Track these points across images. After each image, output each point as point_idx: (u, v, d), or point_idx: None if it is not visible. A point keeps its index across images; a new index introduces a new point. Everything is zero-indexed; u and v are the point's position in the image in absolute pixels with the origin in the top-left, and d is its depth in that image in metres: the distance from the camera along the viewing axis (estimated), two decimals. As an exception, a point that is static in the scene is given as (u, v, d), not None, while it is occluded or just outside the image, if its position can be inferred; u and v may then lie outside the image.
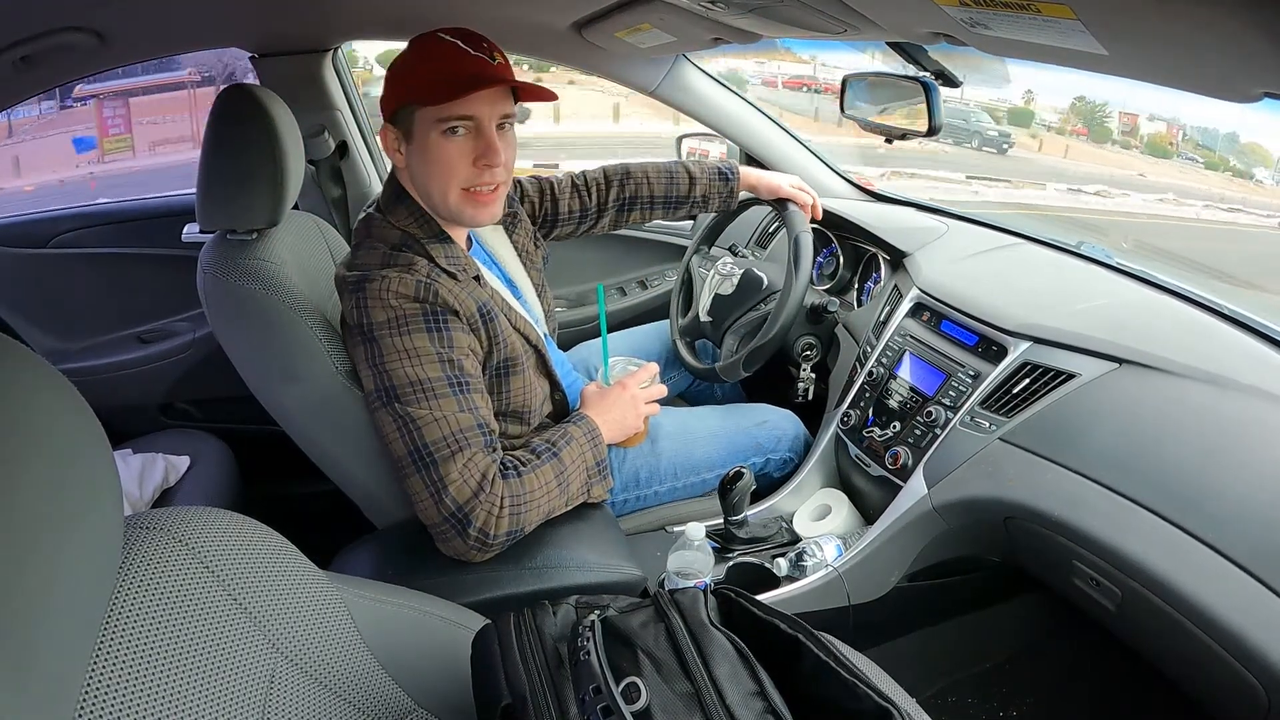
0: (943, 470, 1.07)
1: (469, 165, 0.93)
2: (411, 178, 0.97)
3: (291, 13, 1.37)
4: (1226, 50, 0.56)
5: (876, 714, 0.49)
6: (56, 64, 1.21)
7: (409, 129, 0.93)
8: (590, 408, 1.06)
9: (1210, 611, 0.78)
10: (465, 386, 0.91)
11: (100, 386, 1.68)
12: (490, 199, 0.96)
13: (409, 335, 0.90)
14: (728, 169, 1.35)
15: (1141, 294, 1.17)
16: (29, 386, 0.40)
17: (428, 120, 0.91)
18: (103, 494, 0.43)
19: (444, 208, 0.96)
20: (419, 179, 0.96)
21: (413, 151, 0.94)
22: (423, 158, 0.93)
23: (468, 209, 0.95)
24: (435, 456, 0.88)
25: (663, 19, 1.16)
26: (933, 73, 1.19)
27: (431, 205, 0.97)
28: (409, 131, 0.93)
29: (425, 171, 0.94)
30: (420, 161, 0.94)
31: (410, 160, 0.95)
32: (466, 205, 0.95)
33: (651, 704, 0.50)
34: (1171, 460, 0.88)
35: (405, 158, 0.96)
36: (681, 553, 0.96)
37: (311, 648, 0.60)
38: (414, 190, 0.97)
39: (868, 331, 1.33)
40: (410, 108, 0.92)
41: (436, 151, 0.92)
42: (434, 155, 0.92)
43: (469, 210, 0.96)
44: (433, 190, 0.95)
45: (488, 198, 0.95)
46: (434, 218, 0.97)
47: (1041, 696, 1.29)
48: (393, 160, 0.97)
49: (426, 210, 0.97)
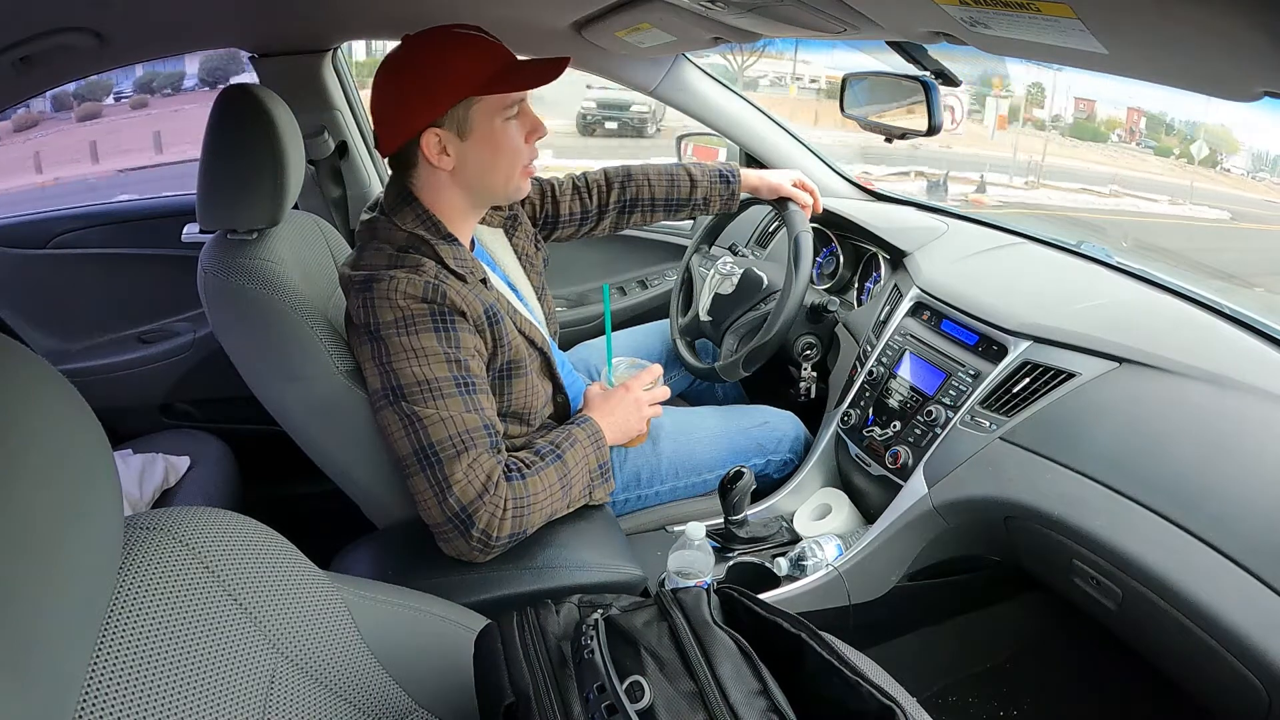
0: (943, 470, 1.07)
1: (525, 144, 0.97)
2: (465, 172, 0.95)
3: (291, 13, 1.37)
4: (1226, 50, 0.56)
5: (879, 713, 0.49)
6: (56, 64, 1.20)
7: (465, 124, 0.92)
8: (593, 410, 1.06)
9: (1211, 611, 0.78)
10: (471, 387, 0.91)
11: (100, 386, 1.68)
12: (533, 170, 1.00)
13: (416, 335, 0.90)
14: (729, 171, 1.34)
15: (1142, 293, 1.17)
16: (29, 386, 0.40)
17: (489, 110, 0.92)
18: (103, 494, 0.43)
19: (499, 190, 0.98)
20: (481, 170, 0.95)
21: (472, 145, 0.93)
22: (490, 148, 0.94)
23: (523, 185, 0.99)
24: (440, 456, 0.88)
25: (662, 19, 1.16)
26: (933, 72, 1.19)
27: (486, 191, 0.98)
28: (465, 127, 0.92)
29: (492, 161, 0.95)
30: (486, 153, 0.94)
31: (467, 155, 0.94)
32: (523, 182, 0.99)
33: (655, 702, 0.50)
34: (1172, 459, 0.88)
35: (457, 157, 0.94)
36: (682, 552, 0.96)
37: (312, 648, 0.60)
38: (424, 195, 0.96)
39: (868, 331, 1.33)
40: (468, 103, 0.91)
41: (503, 138, 0.94)
42: (502, 142, 0.94)
43: (524, 186, 1.00)
44: (497, 177, 0.97)
45: (532, 170, 1.00)
46: (440, 220, 0.96)
47: (1041, 696, 1.29)
48: (438, 164, 0.93)
49: (433, 213, 0.96)
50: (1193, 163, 4.42)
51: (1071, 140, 5.83)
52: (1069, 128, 5.77)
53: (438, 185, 0.96)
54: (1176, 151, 4.57)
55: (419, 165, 0.95)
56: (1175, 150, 4.58)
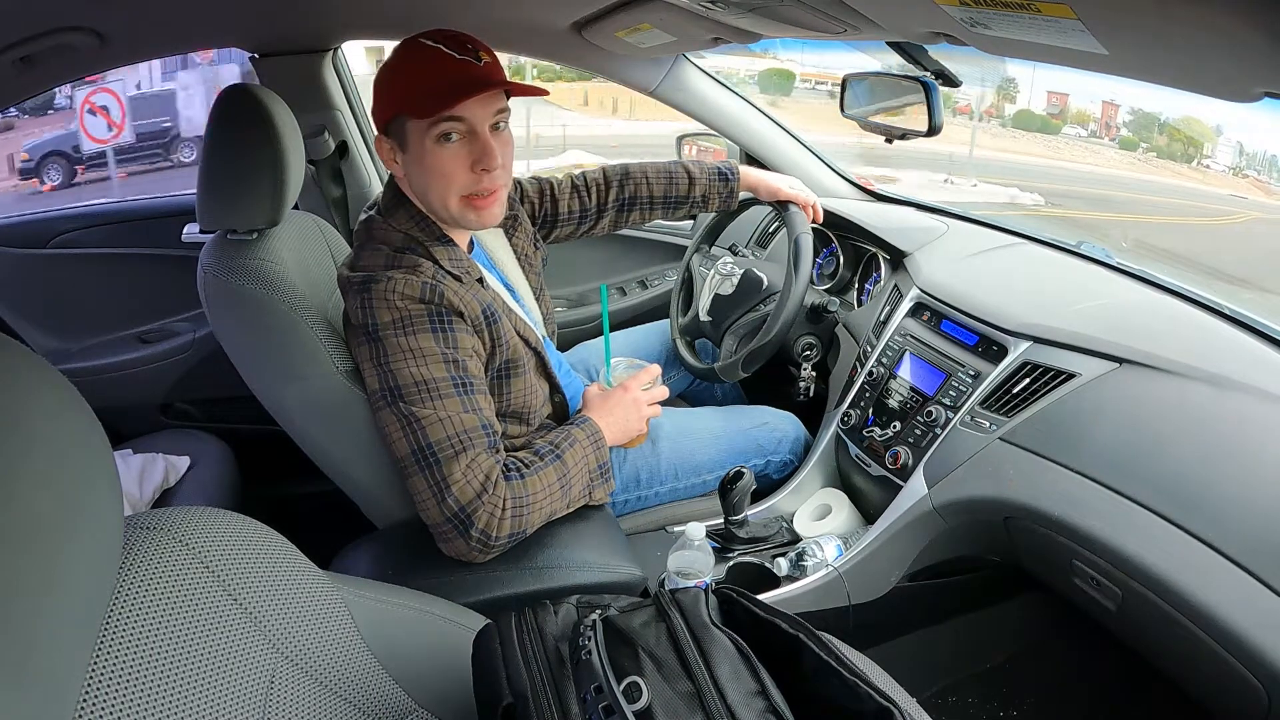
0: (943, 470, 1.07)
1: (466, 171, 0.91)
2: (410, 186, 0.96)
3: (291, 13, 1.37)
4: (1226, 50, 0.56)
5: (877, 714, 0.49)
6: (56, 64, 1.20)
7: (402, 139, 0.92)
8: (593, 410, 1.06)
9: (1210, 611, 0.78)
10: (469, 387, 0.91)
11: (100, 386, 1.68)
12: (490, 202, 0.94)
13: (414, 335, 0.90)
14: (728, 169, 1.34)
15: (1141, 294, 1.17)
16: (29, 386, 0.40)
17: (420, 130, 0.89)
18: (103, 494, 0.43)
19: (445, 215, 0.95)
20: (418, 188, 0.95)
21: (409, 161, 0.93)
22: (420, 167, 0.92)
23: (470, 214, 0.94)
24: (439, 456, 0.88)
25: (662, 19, 1.16)
26: (933, 72, 1.19)
27: (433, 212, 0.96)
28: (403, 142, 0.92)
29: (423, 181, 0.93)
30: (418, 171, 0.93)
31: (408, 170, 0.94)
32: (468, 211, 0.94)
33: (653, 703, 0.50)
34: (1171, 460, 0.88)
35: (402, 167, 0.95)
36: (682, 553, 0.95)
37: (312, 648, 0.60)
38: (414, 196, 0.97)
39: (868, 331, 1.33)
40: (401, 118, 0.91)
41: (432, 160, 0.90)
42: (430, 164, 0.91)
43: (471, 215, 0.94)
44: (432, 199, 0.94)
45: (487, 201, 0.94)
46: (435, 222, 0.97)
47: (1041, 696, 1.29)
48: (390, 170, 0.96)
49: (427, 215, 0.97)
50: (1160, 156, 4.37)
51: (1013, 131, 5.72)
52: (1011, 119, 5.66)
53: (408, 189, 0.97)
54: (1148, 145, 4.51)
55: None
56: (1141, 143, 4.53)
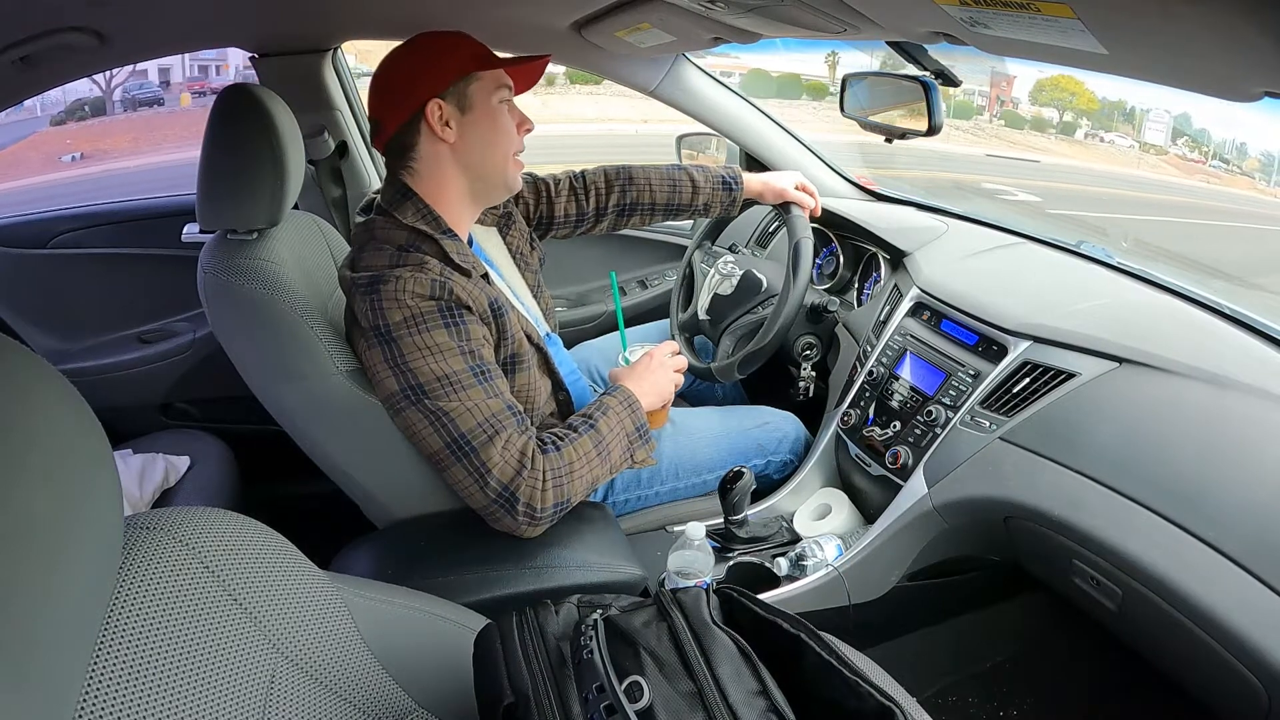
0: (943, 470, 1.07)
1: (515, 132, 1.00)
2: (466, 149, 0.97)
3: (291, 13, 1.37)
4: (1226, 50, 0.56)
5: (878, 713, 0.49)
6: (56, 64, 1.20)
7: (466, 101, 0.96)
8: (624, 380, 1.07)
9: (1211, 611, 0.78)
10: (488, 374, 0.93)
11: (100, 386, 1.68)
12: (522, 165, 1.03)
13: (428, 332, 0.90)
14: (732, 178, 1.34)
15: (1142, 293, 1.17)
16: (29, 386, 0.40)
17: (488, 89, 0.96)
18: (103, 494, 0.43)
19: (498, 175, 1.00)
20: (479, 147, 0.98)
21: (471, 122, 0.96)
22: (488, 125, 0.97)
23: (514, 174, 1.01)
24: (473, 444, 0.90)
25: (662, 19, 1.16)
26: (933, 72, 1.19)
27: (485, 176, 1.00)
28: (465, 103, 0.96)
29: (489, 139, 0.98)
30: (485, 130, 0.97)
31: (466, 132, 0.97)
32: (515, 171, 1.01)
33: (654, 703, 0.50)
34: (1172, 459, 0.88)
35: (458, 130, 0.96)
36: (682, 552, 0.95)
37: (312, 648, 0.60)
38: (423, 187, 0.97)
39: (868, 331, 1.33)
40: (470, 79, 0.95)
41: (499, 119, 0.98)
42: (499, 121, 0.98)
43: (515, 175, 1.02)
44: (493, 158, 0.99)
45: (522, 162, 1.03)
46: (440, 215, 0.97)
47: (1041, 696, 1.29)
48: (440, 136, 0.96)
49: (433, 208, 0.97)
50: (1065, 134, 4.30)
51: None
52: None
53: (438, 167, 0.97)
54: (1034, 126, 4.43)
55: (418, 146, 0.96)
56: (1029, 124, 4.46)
